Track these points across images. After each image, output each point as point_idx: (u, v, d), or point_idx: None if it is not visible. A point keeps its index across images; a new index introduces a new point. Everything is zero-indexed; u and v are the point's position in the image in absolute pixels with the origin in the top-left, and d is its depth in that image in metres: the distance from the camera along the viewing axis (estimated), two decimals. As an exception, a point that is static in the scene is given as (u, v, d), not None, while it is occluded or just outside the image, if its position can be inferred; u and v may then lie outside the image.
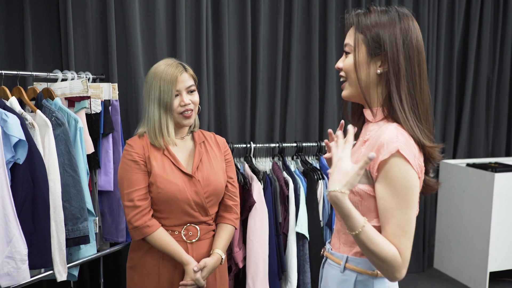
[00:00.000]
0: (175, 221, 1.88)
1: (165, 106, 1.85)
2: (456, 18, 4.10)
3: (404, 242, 1.23)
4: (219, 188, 1.93)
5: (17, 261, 2.04)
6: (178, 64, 1.92)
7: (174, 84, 1.85)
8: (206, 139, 2.02)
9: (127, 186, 1.87)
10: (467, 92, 4.22)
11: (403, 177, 1.22)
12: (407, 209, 1.23)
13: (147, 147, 1.90)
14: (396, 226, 1.23)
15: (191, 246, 1.89)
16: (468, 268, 3.89)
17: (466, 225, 3.90)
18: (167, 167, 1.87)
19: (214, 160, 1.97)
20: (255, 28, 3.50)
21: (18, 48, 2.95)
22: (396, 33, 1.28)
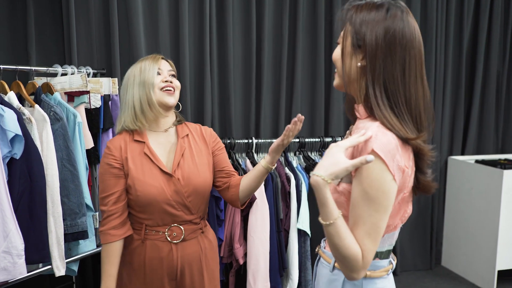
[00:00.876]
0: (158, 222, 1.81)
1: (146, 83, 1.78)
2: (466, 11, 4.02)
3: (368, 244, 1.19)
4: (201, 186, 1.83)
5: (13, 256, 2.04)
6: (157, 54, 1.89)
7: (156, 62, 1.82)
8: (190, 131, 1.93)
9: (102, 190, 1.82)
10: (476, 87, 4.14)
11: (376, 179, 1.17)
12: (376, 212, 1.18)
13: (125, 146, 1.83)
14: (362, 227, 1.19)
15: (176, 247, 1.82)
16: (476, 266, 3.83)
17: (474, 223, 3.84)
18: (146, 167, 1.79)
19: (198, 154, 1.88)
20: (259, 21, 3.46)
21: (21, 43, 2.95)
22: (379, 28, 1.23)
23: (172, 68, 1.89)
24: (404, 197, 1.29)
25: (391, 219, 1.30)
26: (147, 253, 1.82)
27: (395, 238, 1.38)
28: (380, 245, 1.33)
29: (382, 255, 1.35)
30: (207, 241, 1.91)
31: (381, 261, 1.35)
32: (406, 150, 1.24)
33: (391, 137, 1.20)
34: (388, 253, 1.37)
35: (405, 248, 4.14)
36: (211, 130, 1.98)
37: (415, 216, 4.13)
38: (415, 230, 4.14)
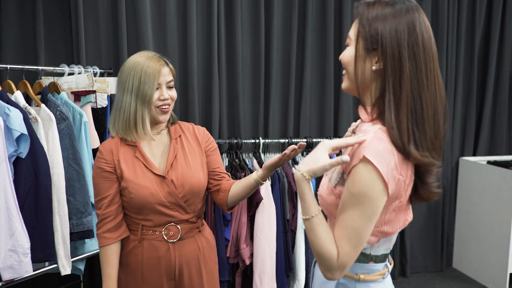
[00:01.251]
0: (155, 222, 1.80)
1: (143, 98, 1.74)
2: (478, 9, 3.96)
3: (346, 248, 1.17)
4: (195, 186, 1.82)
5: (19, 255, 2.05)
6: (159, 57, 1.82)
7: (156, 76, 1.76)
8: (183, 132, 1.91)
9: (95, 194, 1.82)
10: (488, 87, 4.08)
11: (364, 185, 1.14)
12: (359, 218, 1.15)
13: (117, 149, 1.81)
14: (343, 230, 1.17)
15: (173, 246, 1.81)
16: (487, 269, 3.77)
17: (486, 224, 3.78)
18: (138, 169, 1.78)
19: (191, 155, 1.87)
20: (268, 20, 3.45)
21: (30, 43, 2.97)
22: (399, 28, 1.18)
23: (171, 74, 1.84)
24: (401, 205, 1.25)
25: (391, 227, 1.27)
26: (144, 253, 1.81)
27: (392, 242, 1.35)
28: (376, 249, 1.31)
29: (377, 258, 1.32)
30: (204, 240, 1.90)
31: (376, 265, 1.33)
32: (403, 160, 1.19)
33: (388, 144, 1.17)
34: (384, 257, 1.34)
35: (416, 249, 4.09)
36: (204, 130, 1.97)
37: (425, 217, 4.09)
38: (425, 231, 4.10)
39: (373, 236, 1.27)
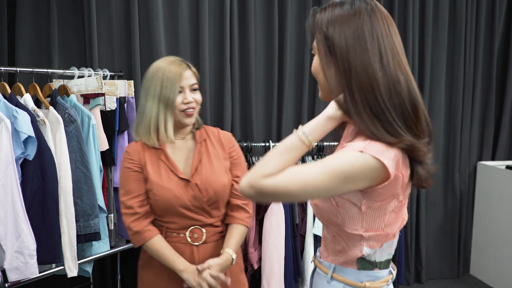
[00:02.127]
0: (179, 225, 1.82)
1: (166, 102, 1.77)
2: (497, 9, 3.86)
3: (282, 178, 1.11)
4: (220, 190, 1.83)
5: (25, 256, 2.07)
6: (181, 61, 1.84)
7: (178, 80, 1.77)
8: (208, 136, 1.92)
9: (124, 194, 1.83)
10: (508, 90, 3.97)
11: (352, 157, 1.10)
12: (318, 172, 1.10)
13: (143, 151, 1.84)
14: (296, 168, 1.12)
15: (197, 249, 1.82)
16: (506, 276, 3.68)
17: (504, 230, 3.69)
18: (163, 172, 1.80)
19: (216, 159, 1.87)
20: (282, 23, 3.42)
21: (44, 46, 3.00)
22: (346, 27, 1.16)
23: (195, 77, 1.85)
24: (400, 205, 1.23)
25: (389, 228, 1.24)
26: None
27: (394, 247, 1.32)
28: (379, 255, 1.27)
29: (381, 265, 1.29)
30: None
31: (380, 271, 1.30)
32: (404, 157, 1.17)
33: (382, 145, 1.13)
34: (387, 262, 1.31)
35: (432, 255, 4.01)
36: (230, 136, 1.97)
37: (442, 222, 4.00)
38: (442, 237, 4.02)
39: (374, 241, 1.24)
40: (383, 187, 1.15)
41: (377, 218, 1.22)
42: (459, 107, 3.88)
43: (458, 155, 3.92)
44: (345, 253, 1.28)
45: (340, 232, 1.26)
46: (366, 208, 1.20)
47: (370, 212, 1.20)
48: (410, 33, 3.66)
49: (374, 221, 1.22)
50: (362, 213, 1.21)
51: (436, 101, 3.85)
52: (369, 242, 1.24)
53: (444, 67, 3.84)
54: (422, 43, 3.76)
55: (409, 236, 3.86)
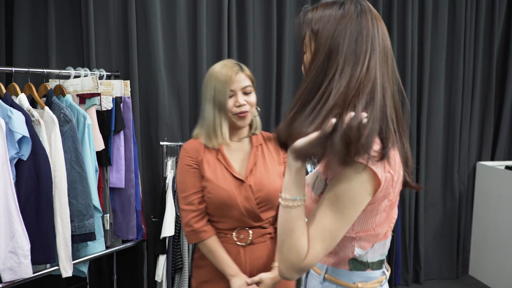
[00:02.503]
0: (227, 225, 1.85)
1: (219, 105, 1.81)
2: (497, 9, 3.85)
3: (317, 249, 1.12)
4: (273, 193, 1.84)
5: (19, 256, 2.07)
6: (234, 64, 1.87)
7: (228, 83, 1.80)
8: (264, 141, 1.95)
9: (183, 190, 1.87)
10: (508, 90, 3.96)
11: (353, 188, 1.11)
12: (339, 221, 1.12)
13: (201, 149, 1.88)
14: (319, 230, 1.13)
15: (244, 250, 1.85)
16: (505, 277, 3.66)
17: (503, 231, 3.67)
18: (219, 171, 1.84)
19: (271, 163, 1.90)
20: (280, 22, 3.42)
21: (42, 46, 3.00)
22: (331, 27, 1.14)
23: (248, 79, 1.87)
24: (391, 204, 1.22)
25: (380, 228, 1.23)
26: None
27: (387, 247, 1.31)
28: (371, 255, 1.27)
29: (374, 265, 1.28)
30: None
31: (373, 272, 1.29)
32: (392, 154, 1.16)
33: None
34: (380, 263, 1.30)
35: (430, 255, 4.00)
36: None
37: (441, 222, 3.99)
38: (441, 237, 4.00)
39: (365, 241, 1.24)
40: (378, 192, 1.15)
41: (369, 219, 1.21)
42: (459, 107, 3.86)
43: (457, 155, 3.91)
44: (337, 254, 1.27)
45: None
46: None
47: (362, 215, 1.19)
48: (409, 33, 3.64)
49: (365, 223, 1.22)
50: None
51: (435, 102, 3.83)
52: (360, 242, 1.24)
53: (444, 67, 3.83)
54: (421, 43, 3.75)
55: (408, 237, 3.85)
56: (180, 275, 2.67)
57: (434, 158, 3.89)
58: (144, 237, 2.76)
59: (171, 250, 2.65)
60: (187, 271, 2.67)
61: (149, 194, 3.19)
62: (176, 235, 2.65)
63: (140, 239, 2.73)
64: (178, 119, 3.29)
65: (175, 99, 3.27)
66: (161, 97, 3.17)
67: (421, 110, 3.78)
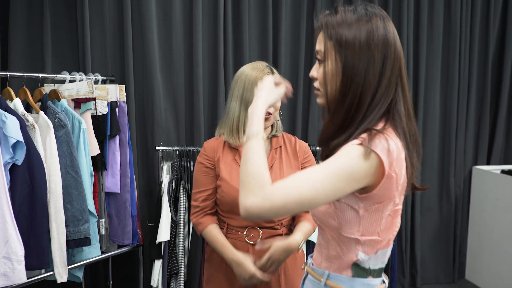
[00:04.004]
0: (239, 223, 1.89)
1: (246, 104, 1.85)
2: (492, 13, 3.86)
3: (290, 183, 1.09)
4: None
5: (13, 262, 2.05)
6: (266, 66, 1.91)
7: (257, 84, 1.84)
8: (284, 143, 1.99)
9: (195, 186, 1.96)
10: (503, 94, 3.97)
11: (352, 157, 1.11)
12: (322, 172, 1.10)
13: (221, 148, 1.94)
14: (302, 173, 1.12)
15: (252, 248, 1.88)
16: (501, 281, 3.66)
17: (499, 235, 3.68)
18: (234, 171, 1.88)
19: (287, 167, 1.93)
20: (276, 26, 3.43)
21: (37, 50, 3.00)
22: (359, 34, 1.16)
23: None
24: (396, 210, 1.23)
25: (385, 233, 1.23)
26: None
27: (387, 256, 1.30)
28: (374, 262, 1.26)
29: (375, 273, 1.28)
30: None
31: (373, 280, 1.28)
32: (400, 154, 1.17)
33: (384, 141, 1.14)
34: (380, 271, 1.30)
35: (427, 260, 4.00)
36: (306, 146, 2.03)
37: (437, 227, 3.99)
38: (437, 241, 4.00)
39: (369, 247, 1.23)
40: (379, 187, 1.15)
41: (374, 221, 1.21)
42: (454, 112, 3.87)
43: (453, 160, 3.91)
44: (339, 258, 1.26)
45: (336, 236, 1.25)
46: (363, 211, 1.19)
47: (367, 215, 1.20)
48: (405, 38, 3.66)
49: (371, 225, 1.21)
50: (360, 217, 1.20)
51: (431, 106, 3.84)
52: (364, 247, 1.23)
53: (439, 72, 3.84)
54: (416, 48, 3.76)
55: (404, 241, 3.85)
56: (176, 280, 2.66)
57: (430, 163, 3.89)
58: (140, 242, 2.75)
59: (167, 255, 2.64)
60: (183, 276, 2.66)
61: (144, 199, 3.18)
62: (172, 240, 2.64)
63: (135, 244, 2.72)
64: (174, 123, 3.28)
65: (170, 103, 3.27)
66: (156, 101, 3.17)
67: (417, 115, 3.78)
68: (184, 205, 2.68)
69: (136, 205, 2.73)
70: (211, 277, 1.98)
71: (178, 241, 2.67)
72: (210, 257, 1.99)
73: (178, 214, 2.67)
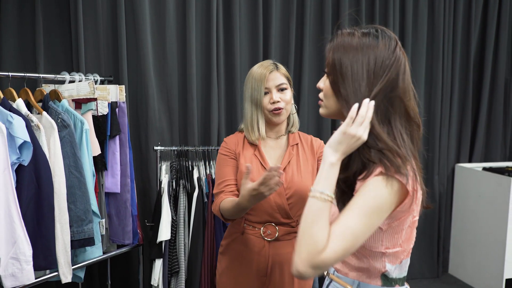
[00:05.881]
0: (257, 218, 1.93)
1: (255, 103, 1.92)
2: (473, 17, 4.01)
3: (337, 245, 1.13)
4: (303, 190, 1.91)
5: (21, 262, 2.05)
6: (270, 63, 1.96)
7: (263, 82, 1.91)
8: (301, 141, 2.02)
9: (218, 177, 1.98)
10: (484, 94, 4.13)
11: (382, 197, 1.16)
12: (364, 226, 1.15)
13: (241, 143, 2.00)
14: (342, 228, 1.15)
15: (269, 245, 1.92)
16: (483, 275, 3.80)
17: (482, 231, 3.82)
18: (254, 166, 1.93)
19: (304, 163, 1.97)
20: (266, 28, 3.48)
21: (29, 50, 2.98)
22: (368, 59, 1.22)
23: (284, 77, 1.95)
24: (414, 221, 1.29)
25: (406, 244, 1.29)
26: (243, 245, 1.95)
27: (407, 265, 1.37)
28: (398, 271, 1.31)
29: (400, 281, 1.33)
30: None
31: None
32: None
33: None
34: (404, 279, 1.36)
35: (412, 256, 4.03)
36: (321, 143, 2.06)
37: (421, 223, 4.10)
38: (422, 238, 4.11)
39: (394, 257, 1.29)
40: (402, 205, 1.20)
41: (395, 234, 1.26)
42: (438, 112, 4.00)
43: (437, 158, 4.04)
44: (368, 270, 1.31)
45: (362, 251, 1.30)
46: (387, 227, 1.25)
47: (390, 230, 1.25)
48: (391, 40, 3.75)
49: (393, 238, 1.27)
50: (383, 232, 1.25)
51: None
52: (390, 258, 1.28)
53: (423, 73, 3.96)
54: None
55: (391, 237, 3.93)
56: (176, 278, 2.68)
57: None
58: (140, 241, 2.76)
59: (167, 254, 2.66)
60: (183, 275, 2.68)
61: (140, 199, 3.18)
62: (172, 239, 2.66)
63: (136, 243, 2.73)
64: (167, 124, 3.30)
65: (164, 104, 3.29)
66: (150, 102, 3.19)
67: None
68: (184, 204, 2.70)
69: (136, 205, 2.74)
70: (226, 269, 2.01)
71: (178, 240, 2.69)
72: (226, 250, 2.02)
73: (178, 213, 2.69)
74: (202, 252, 2.67)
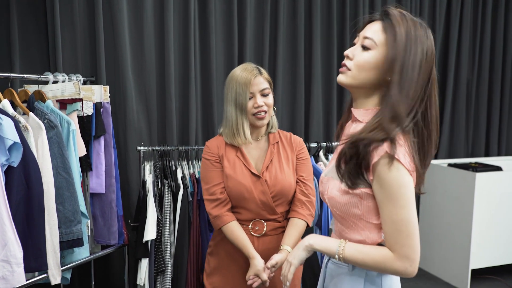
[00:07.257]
0: (245, 216, 1.99)
1: (240, 107, 1.95)
2: (437, 21, 4.20)
3: (401, 240, 1.27)
4: (286, 187, 2.00)
5: (12, 265, 2.02)
6: (253, 68, 1.99)
7: (248, 86, 1.94)
8: (280, 139, 2.10)
9: (206, 182, 2.02)
10: (447, 94, 4.32)
11: (394, 178, 1.26)
12: (402, 208, 1.27)
13: (223, 146, 2.03)
14: (391, 225, 1.28)
15: (258, 240, 2.00)
16: (450, 266, 3.97)
17: (448, 224, 3.98)
18: (238, 167, 1.98)
19: (285, 160, 2.05)
20: (241, 29, 3.54)
21: (4, 50, 2.91)
22: (422, 47, 1.34)
23: (266, 82, 1.99)
24: None
25: None
26: (232, 244, 1.99)
27: None
28: None
29: None
30: None
31: None
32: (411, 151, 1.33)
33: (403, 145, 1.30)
34: None
35: (383, 250, 4.23)
36: (300, 140, 2.14)
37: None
38: (391, 232, 4.26)
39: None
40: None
41: None
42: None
43: (405, 155, 4.18)
44: (365, 242, 1.40)
45: (359, 222, 1.39)
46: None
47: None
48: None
49: None
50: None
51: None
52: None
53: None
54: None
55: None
56: (162, 277, 2.70)
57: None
58: (126, 241, 2.76)
59: (153, 253, 2.67)
60: (169, 273, 2.70)
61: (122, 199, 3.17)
62: (158, 238, 2.67)
63: (121, 243, 2.72)
64: (146, 124, 3.30)
65: (143, 104, 3.29)
66: (129, 102, 3.18)
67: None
68: (169, 204, 2.72)
69: (121, 205, 2.74)
70: (215, 269, 2.07)
71: (164, 239, 2.70)
72: (214, 250, 2.08)
73: (164, 212, 2.71)
74: (188, 250, 2.69)
